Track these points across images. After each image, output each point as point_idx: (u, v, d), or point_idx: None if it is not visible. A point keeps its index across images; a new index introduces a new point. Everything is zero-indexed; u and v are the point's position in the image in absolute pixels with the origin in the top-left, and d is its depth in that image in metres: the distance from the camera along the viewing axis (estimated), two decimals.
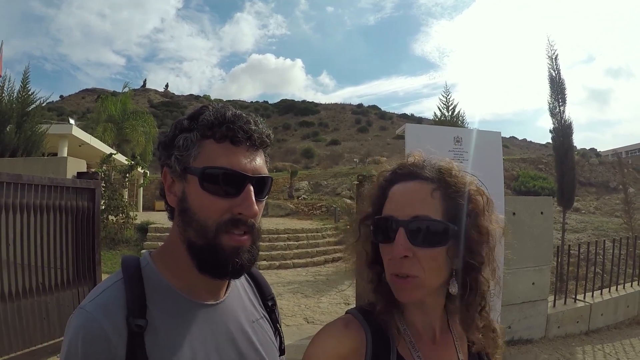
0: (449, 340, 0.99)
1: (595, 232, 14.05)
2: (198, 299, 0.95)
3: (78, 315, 0.84)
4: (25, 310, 4.49)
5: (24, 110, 10.81)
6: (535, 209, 5.88)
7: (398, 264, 0.87)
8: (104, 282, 0.92)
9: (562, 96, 9.89)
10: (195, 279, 0.93)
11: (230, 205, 0.88)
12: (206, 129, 0.89)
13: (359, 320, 0.95)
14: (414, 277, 0.86)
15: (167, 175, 0.94)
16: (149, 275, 0.92)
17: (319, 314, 7.69)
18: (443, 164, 0.95)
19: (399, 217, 0.88)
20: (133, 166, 14.52)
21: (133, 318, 0.83)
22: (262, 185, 0.94)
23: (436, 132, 5.13)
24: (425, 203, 0.88)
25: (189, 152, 0.89)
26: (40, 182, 4.69)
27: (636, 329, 6.50)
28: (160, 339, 0.86)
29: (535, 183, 24.05)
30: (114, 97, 26.10)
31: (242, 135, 0.89)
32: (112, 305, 0.84)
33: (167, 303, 0.90)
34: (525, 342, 5.71)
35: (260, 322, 1.09)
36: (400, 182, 0.94)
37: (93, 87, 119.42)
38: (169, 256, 0.96)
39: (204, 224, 0.88)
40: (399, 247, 0.86)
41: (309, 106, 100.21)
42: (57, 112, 66.77)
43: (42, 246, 4.75)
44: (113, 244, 12.44)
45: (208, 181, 0.87)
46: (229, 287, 1.04)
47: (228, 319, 0.99)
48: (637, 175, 28.48)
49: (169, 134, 0.94)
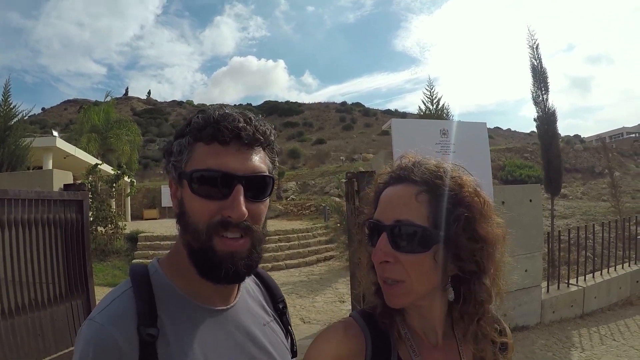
0: (452, 345, 0.97)
1: (584, 216, 14.19)
2: (208, 304, 0.94)
3: (88, 327, 0.84)
4: (19, 327, 4.42)
5: (7, 124, 10.73)
6: (523, 197, 5.94)
7: (381, 269, 0.88)
8: (113, 292, 0.92)
9: (545, 85, 10.00)
10: (202, 284, 0.91)
11: (219, 207, 0.86)
12: (196, 132, 0.88)
13: (360, 324, 0.95)
14: (400, 282, 0.86)
15: (171, 182, 0.95)
16: (158, 282, 0.92)
17: (315, 314, 7.71)
18: (431, 166, 0.91)
19: (383, 221, 0.88)
20: (119, 176, 14.41)
21: (144, 327, 0.82)
22: (260, 185, 0.91)
23: (422, 126, 5.16)
24: (408, 207, 0.86)
25: (182, 157, 0.89)
26: (27, 197, 4.62)
27: (629, 309, 6.60)
28: (172, 346, 0.85)
29: (522, 172, 24.22)
30: (97, 107, 25.75)
31: (227, 134, 0.86)
32: (122, 315, 0.84)
33: (178, 310, 0.90)
34: (521, 329, 5.76)
35: (271, 325, 1.08)
36: (390, 185, 0.93)
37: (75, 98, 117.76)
38: (176, 262, 0.95)
39: (196, 227, 0.87)
40: (379, 251, 0.86)
41: (293, 106, 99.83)
42: (40, 124, 65.81)
43: (32, 261, 4.68)
44: (104, 255, 12.33)
45: (196, 184, 0.86)
46: (239, 292, 1.04)
47: (239, 323, 0.99)
48: (621, 159, 28.84)
49: (170, 141, 0.94)
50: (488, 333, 0.94)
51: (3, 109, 10.88)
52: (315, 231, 16.07)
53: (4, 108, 10.92)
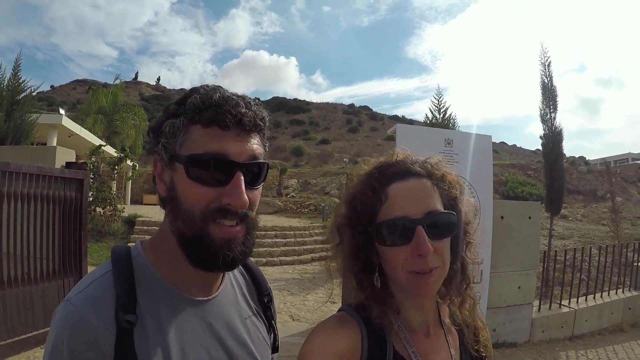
0: (440, 335, 1.00)
1: (582, 239, 14.20)
2: (189, 294, 0.91)
3: (65, 308, 0.80)
4: (10, 300, 4.44)
5: (14, 98, 10.73)
6: (523, 214, 5.93)
7: (421, 262, 0.86)
8: (93, 273, 0.88)
9: (554, 103, 9.98)
10: (186, 272, 0.89)
11: (218, 194, 0.83)
12: (193, 114, 0.84)
13: (354, 317, 0.94)
14: (435, 269, 0.87)
15: (156, 163, 0.90)
16: (139, 267, 0.88)
17: (305, 312, 7.70)
18: (430, 159, 0.98)
19: (412, 215, 0.87)
20: (122, 159, 14.41)
21: (123, 313, 0.79)
22: (257, 172, 0.88)
23: (427, 134, 5.15)
24: (432, 198, 0.90)
25: (175, 139, 0.85)
26: (28, 171, 4.64)
27: (620, 336, 6.56)
28: (149, 335, 0.82)
29: (524, 189, 24.23)
30: (105, 89, 25.83)
31: (230, 119, 0.82)
32: (101, 299, 0.80)
33: (158, 298, 0.87)
34: (509, 346, 5.74)
35: (253, 319, 1.05)
36: (396, 181, 0.92)
37: (84, 78, 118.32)
38: (160, 248, 0.92)
39: (191, 214, 0.83)
40: (425, 245, 0.85)
41: (301, 104, 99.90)
42: (48, 102, 66.16)
43: (28, 236, 4.70)
44: (100, 236, 12.35)
45: (194, 169, 0.82)
46: (223, 282, 1.00)
47: (220, 316, 0.96)
48: (624, 185, 28.80)
49: (158, 120, 0.90)
50: (475, 300, 1.04)
51: (12, 83, 10.89)
52: (312, 230, 16.04)
53: (13, 82, 10.93)
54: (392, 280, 0.95)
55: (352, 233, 0.96)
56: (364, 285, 0.97)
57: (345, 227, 0.98)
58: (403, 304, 0.96)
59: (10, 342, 4.35)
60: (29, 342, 4.50)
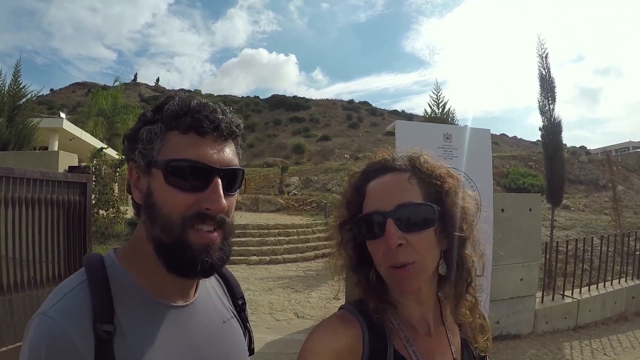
0: (442, 334, 1.00)
1: (584, 229, 14.19)
2: (167, 300, 0.90)
3: (40, 321, 0.78)
4: (17, 304, 4.47)
5: (15, 103, 10.77)
6: (524, 206, 5.95)
7: (394, 255, 0.88)
8: (66, 283, 0.87)
9: (552, 94, 9.96)
10: (163, 279, 0.88)
11: (196, 199, 0.84)
12: (171, 120, 0.85)
13: (355, 315, 0.95)
14: (412, 264, 0.88)
15: (132, 170, 0.90)
16: (114, 275, 0.87)
17: (309, 309, 7.74)
18: (411, 153, 0.99)
19: (383, 209, 0.90)
20: (124, 161, 14.37)
21: (100, 323, 0.77)
22: (233, 178, 0.89)
23: (426, 129, 5.18)
24: (404, 190, 0.91)
25: (152, 145, 0.85)
26: (32, 176, 4.66)
27: (623, 324, 6.60)
28: (128, 344, 0.81)
29: (525, 180, 24.16)
30: (105, 91, 25.74)
31: (208, 125, 0.84)
32: (76, 310, 0.79)
33: (135, 306, 0.86)
34: (513, 337, 5.78)
35: (231, 322, 1.06)
36: (375, 178, 0.96)
37: (84, 81, 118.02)
38: (135, 255, 0.91)
39: (169, 220, 0.83)
40: (392, 237, 0.86)
41: (300, 102, 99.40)
42: (48, 105, 66.09)
43: (34, 240, 4.72)
44: (104, 238, 12.36)
45: (173, 175, 0.83)
46: (199, 288, 1.00)
47: (198, 320, 0.96)
48: (625, 173, 28.74)
49: (134, 127, 0.90)
50: (477, 301, 1.03)
51: (12, 88, 10.95)
52: (315, 227, 16.06)
53: (14, 87, 10.99)
54: None
55: (347, 231, 0.99)
56: (361, 280, 0.99)
57: (342, 226, 1.01)
58: (399, 299, 0.97)
59: (18, 345, 4.38)
60: None
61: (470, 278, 0.99)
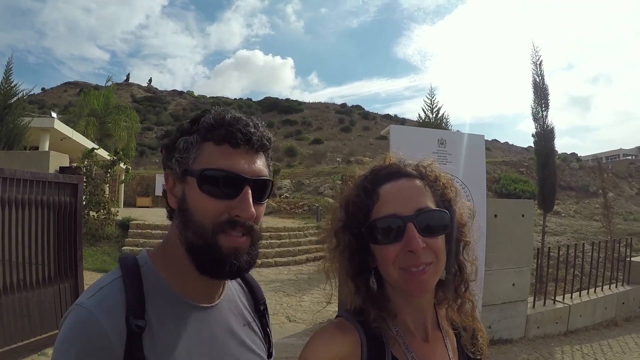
0: (439, 339, 1.00)
1: (575, 235, 14.29)
2: (194, 301, 0.95)
3: (76, 312, 0.83)
4: (6, 307, 4.42)
5: (6, 102, 10.69)
6: (516, 212, 5.97)
7: (413, 257, 0.87)
8: (102, 279, 0.91)
9: (545, 101, 10.04)
10: (192, 280, 0.93)
11: (227, 206, 0.88)
12: (206, 132, 0.90)
13: (353, 324, 0.94)
14: (428, 264, 0.88)
15: (168, 177, 0.96)
16: (147, 274, 0.92)
17: (301, 313, 7.70)
18: (423, 161, 1.01)
19: (403, 213, 0.89)
20: (115, 162, 14.28)
21: (133, 318, 0.82)
22: (262, 188, 0.94)
23: (420, 134, 5.19)
24: (422, 196, 0.92)
25: (188, 154, 0.91)
26: (22, 177, 4.62)
27: (614, 330, 6.65)
28: (157, 340, 0.85)
29: (517, 186, 24.32)
30: (97, 91, 25.58)
31: (240, 138, 0.89)
32: (111, 304, 0.83)
33: (165, 304, 0.90)
34: (505, 342, 5.79)
35: (251, 326, 1.10)
36: (388, 181, 0.94)
37: (76, 81, 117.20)
38: (167, 257, 0.96)
39: (201, 225, 0.88)
40: (415, 241, 0.86)
41: (293, 104, 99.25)
42: (39, 104, 65.49)
43: (23, 242, 4.67)
44: (94, 240, 12.25)
45: (206, 183, 0.87)
46: (224, 291, 1.05)
47: (222, 321, 1.00)
48: (616, 180, 29.00)
49: (172, 137, 0.95)
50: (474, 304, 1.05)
51: (4, 87, 10.86)
52: (306, 230, 16.01)
53: (5, 86, 10.91)
54: (387, 282, 0.96)
55: (347, 236, 0.97)
56: (361, 288, 0.97)
57: (341, 230, 0.99)
58: (400, 307, 0.96)
59: (7, 349, 4.33)
60: (26, 350, 4.47)
61: (467, 283, 1.01)
